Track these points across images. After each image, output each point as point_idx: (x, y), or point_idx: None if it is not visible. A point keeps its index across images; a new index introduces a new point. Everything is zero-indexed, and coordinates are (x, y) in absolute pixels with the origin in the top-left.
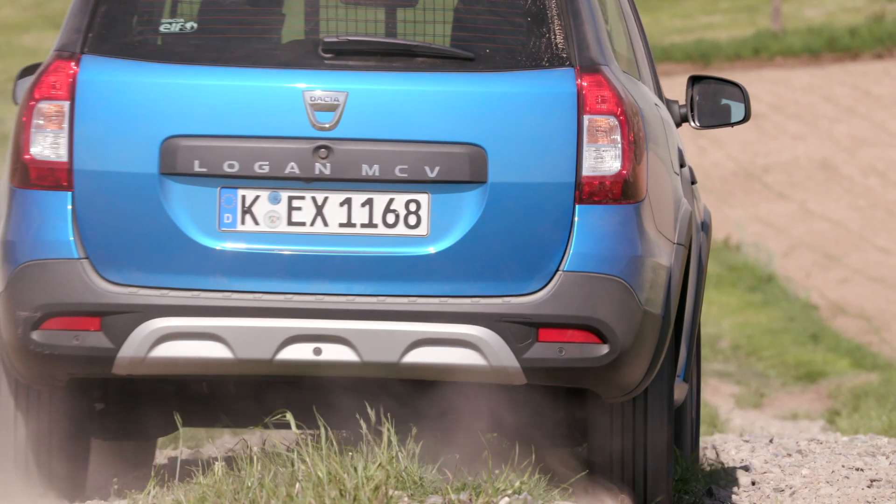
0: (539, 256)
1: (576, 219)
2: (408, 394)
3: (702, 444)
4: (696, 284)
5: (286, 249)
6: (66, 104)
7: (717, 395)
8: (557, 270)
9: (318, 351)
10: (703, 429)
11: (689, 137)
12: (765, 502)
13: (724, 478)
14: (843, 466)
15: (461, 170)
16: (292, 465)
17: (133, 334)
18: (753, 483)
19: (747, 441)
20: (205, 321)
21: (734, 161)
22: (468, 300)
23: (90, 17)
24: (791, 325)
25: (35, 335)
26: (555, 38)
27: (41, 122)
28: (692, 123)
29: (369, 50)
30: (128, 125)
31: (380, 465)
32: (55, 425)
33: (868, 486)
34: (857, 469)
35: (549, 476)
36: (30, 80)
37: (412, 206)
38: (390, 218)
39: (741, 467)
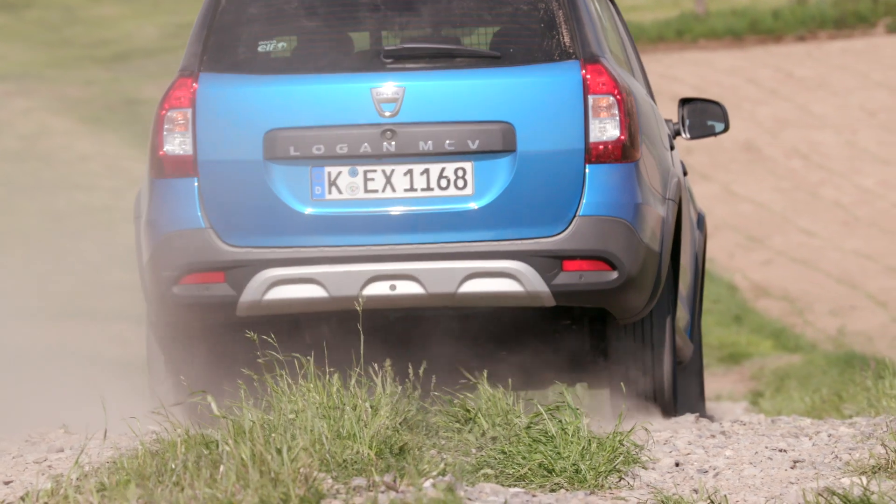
0: (560, 206)
1: (586, 176)
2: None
3: (628, 425)
4: (699, 266)
5: (364, 211)
6: (189, 111)
7: None
8: (575, 216)
9: (393, 287)
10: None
11: None
12: (688, 483)
13: (648, 459)
14: (766, 448)
15: (496, 142)
16: (216, 447)
17: (250, 283)
18: (677, 464)
19: (671, 422)
20: (305, 269)
21: None
22: (507, 242)
23: (203, 45)
24: (714, 306)
25: (176, 289)
26: (563, 38)
27: (171, 126)
28: (684, 136)
29: (419, 54)
30: (237, 123)
31: (303, 447)
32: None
33: (791, 467)
34: (781, 450)
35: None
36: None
37: (459, 172)
38: (443, 182)
39: (665, 448)
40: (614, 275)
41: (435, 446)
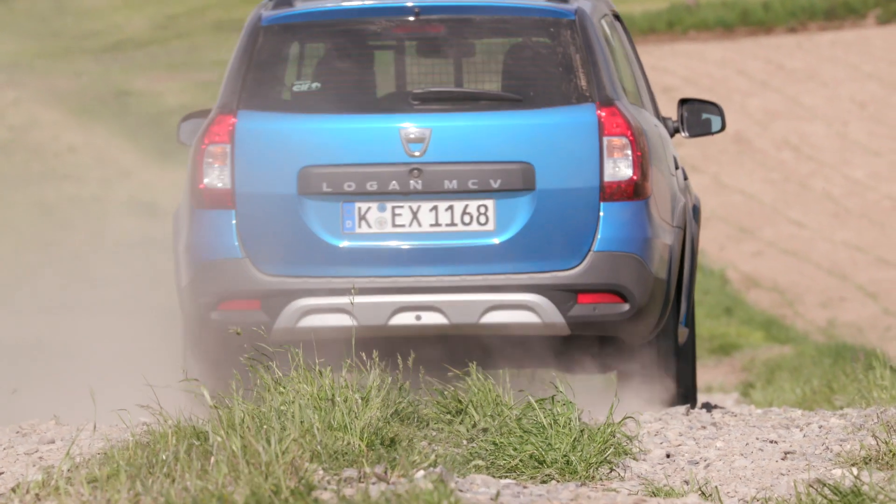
0: (575, 241)
1: (601, 213)
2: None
3: (619, 416)
4: (692, 254)
5: (392, 244)
6: (228, 146)
7: None
8: (589, 251)
9: (418, 317)
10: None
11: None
12: (679, 475)
13: (639, 450)
14: (757, 439)
15: (516, 181)
16: (207, 438)
17: (284, 310)
18: (668, 455)
19: (662, 413)
20: (335, 299)
21: None
22: (525, 276)
23: (242, 83)
24: (705, 297)
25: (214, 314)
26: (580, 82)
27: (210, 160)
28: (683, 134)
29: (445, 97)
30: (273, 159)
31: (294, 439)
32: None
33: (782, 459)
34: (772, 441)
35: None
36: (193, 123)
37: (482, 209)
38: (466, 218)
39: (656, 440)
40: (626, 307)
41: (426, 438)
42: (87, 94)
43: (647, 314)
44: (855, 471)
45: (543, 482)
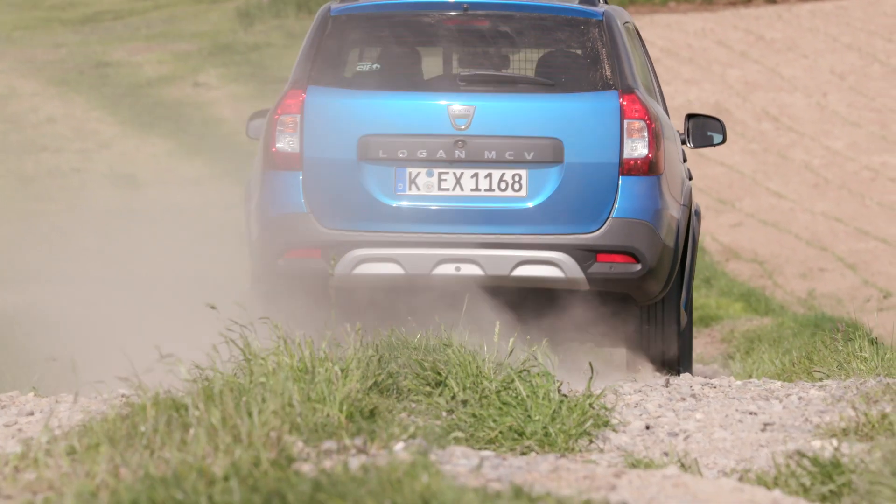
0: (596, 209)
1: (619, 185)
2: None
3: (600, 387)
4: (693, 246)
5: (437, 205)
6: (298, 116)
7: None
8: (608, 217)
9: (458, 268)
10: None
11: None
12: (659, 446)
13: (619, 422)
14: (736, 410)
15: (547, 154)
16: (186, 410)
17: (342, 259)
18: (648, 427)
19: (641, 385)
20: (387, 250)
21: None
22: (552, 237)
23: (312, 63)
24: None
25: (280, 262)
26: (605, 72)
27: (282, 128)
28: (689, 145)
29: (488, 80)
30: (336, 129)
31: (274, 411)
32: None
33: (762, 430)
34: (751, 413)
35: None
36: (259, 121)
37: (517, 178)
38: (502, 185)
39: (635, 411)
40: (638, 266)
41: (406, 410)
42: (66, 65)
43: (655, 275)
44: (834, 442)
45: (523, 454)
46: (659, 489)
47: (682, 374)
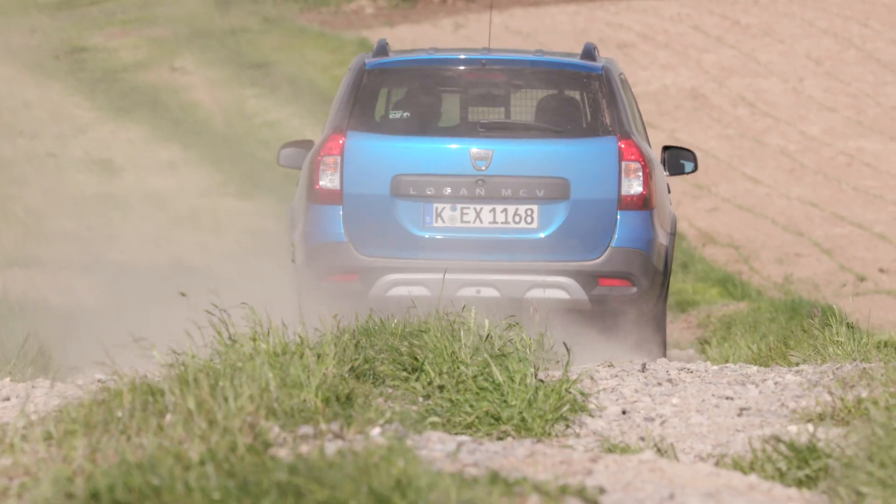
0: (598, 239)
1: (618, 219)
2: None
3: (576, 373)
4: (670, 264)
5: (460, 236)
6: (339, 157)
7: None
8: (609, 246)
9: (478, 291)
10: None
11: None
12: (635, 431)
13: (595, 407)
14: (713, 395)
15: (556, 192)
16: (162, 395)
17: (377, 282)
18: (624, 412)
19: (618, 370)
20: (416, 275)
21: None
22: (560, 263)
23: (350, 111)
24: None
25: (323, 284)
26: (605, 120)
27: (325, 168)
28: (665, 172)
29: (504, 127)
30: (372, 168)
31: (250, 396)
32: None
33: (738, 415)
34: (727, 398)
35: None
36: (291, 150)
37: (529, 212)
38: (517, 218)
39: (612, 396)
40: (634, 289)
41: (382, 395)
42: (42, 50)
43: (648, 295)
44: (811, 427)
45: (500, 439)
46: (635, 474)
47: (658, 360)
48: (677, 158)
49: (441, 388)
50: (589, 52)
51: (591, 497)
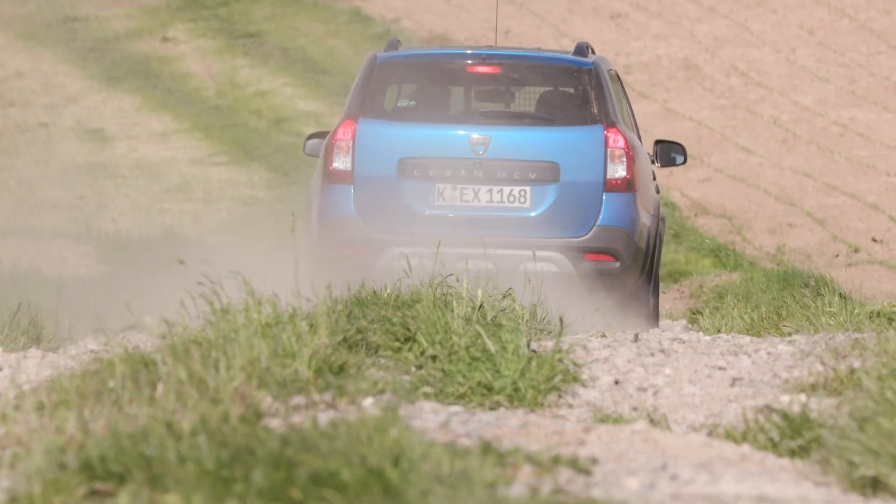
0: (585, 218)
1: (603, 199)
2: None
3: (568, 343)
4: (659, 246)
5: (460, 214)
6: (351, 142)
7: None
8: (594, 225)
9: (475, 264)
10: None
11: (552, 37)
12: (628, 401)
13: (588, 377)
14: (705, 366)
15: (547, 175)
16: (154, 366)
17: (383, 253)
18: (616, 382)
19: (610, 340)
20: (419, 249)
21: None
22: (550, 239)
23: (361, 101)
24: None
25: (335, 254)
26: (593, 110)
27: (338, 151)
28: (656, 164)
29: (501, 115)
30: (381, 152)
31: (242, 366)
32: None
33: (731, 385)
34: (720, 368)
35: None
36: (316, 140)
37: (522, 193)
38: (511, 198)
39: (604, 367)
40: (617, 264)
41: (374, 365)
42: (34, 19)
43: (631, 271)
44: (803, 397)
45: (492, 409)
46: (628, 444)
47: (650, 330)
48: (668, 152)
49: (433, 358)
50: (581, 50)
51: (583, 467)
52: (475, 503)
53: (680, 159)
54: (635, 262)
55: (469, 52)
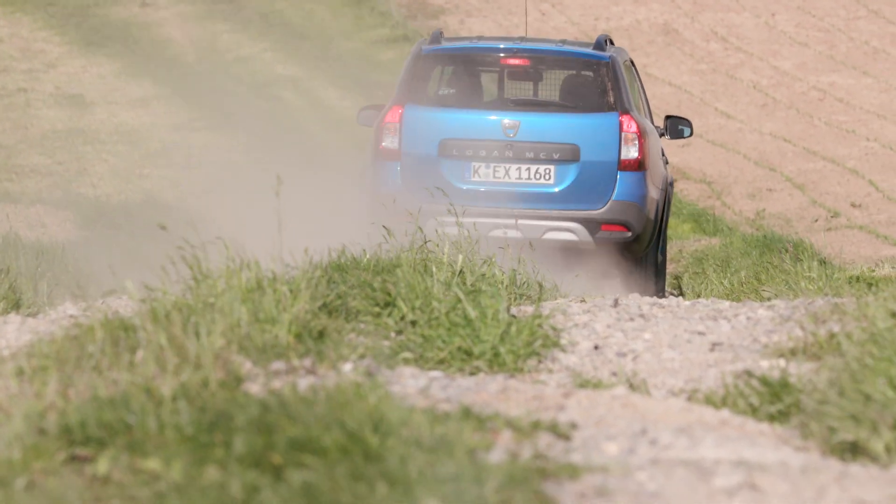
0: (601, 193)
1: (618, 177)
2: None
3: (548, 308)
4: (667, 210)
5: (492, 189)
6: (398, 124)
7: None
8: (610, 199)
9: (505, 232)
10: (547, 294)
11: (533, 3)
12: (607, 366)
13: (568, 342)
14: (685, 331)
15: (568, 155)
16: (134, 331)
17: (426, 222)
18: (596, 347)
19: (590, 305)
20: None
21: (576, 26)
22: (570, 212)
23: (408, 88)
24: None
25: (384, 222)
26: (609, 98)
27: (387, 132)
28: (666, 137)
29: (529, 103)
30: (424, 133)
31: (222, 331)
32: None
33: (710, 350)
34: (699, 333)
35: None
36: (369, 112)
37: (547, 171)
38: (537, 176)
39: (584, 332)
40: (629, 233)
41: (354, 330)
42: None
43: (641, 239)
44: (783, 362)
45: (472, 374)
46: (607, 409)
47: (630, 295)
48: (676, 125)
49: (413, 323)
50: (600, 44)
51: (563, 432)
52: (455, 468)
53: (687, 132)
54: (644, 232)
55: (502, 45)
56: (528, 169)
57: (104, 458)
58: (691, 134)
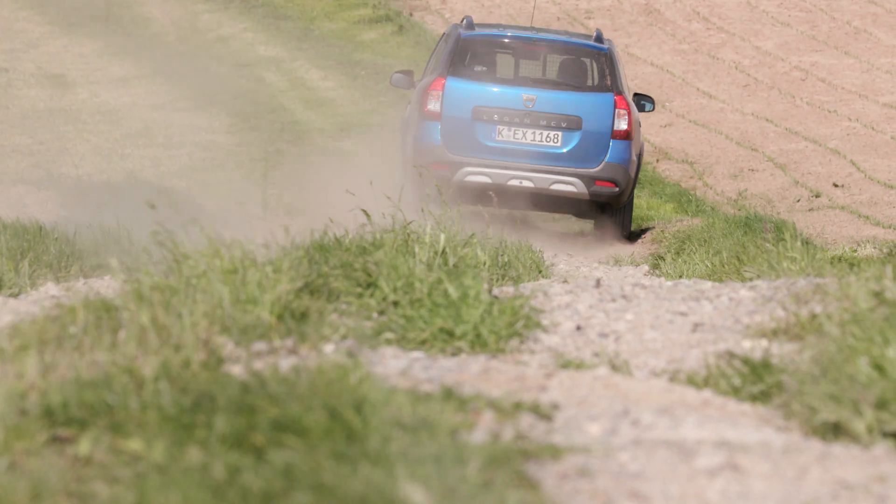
0: (597, 156)
1: (610, 144)
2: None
3: (530, 289)
4: (638, 170)
5: (513, 147)
6: (441, 92)
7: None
8: (603, 161)
9: (520, 182)
10: (528, 275)
11: None
12: (589, 347)
13: (549, 323)
14: (667, 311)
15: (573, 124)
16: (116, 311)
17: (459, 171)
18: (578, 328)
19: (572, 286)
20: (483, 169)
21: (557, 6)
22: (572, 169)
23: (449, 63)
24: None
25: (422, 171)
26: (607, 81)
27: (431, 98)
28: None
29: (544, 81)
30: (460, 100)
31: (204, 312)
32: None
33: (692, 331)
34: (682, 314)
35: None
36: (401, 75)
37: (556, 136)
38: (548, 139)
39: (566, 312)
40: (617, 189)
41: (336, 311)
42: None
43: (624, 193)
44: (765, 342)
45: (454, 355)
46: (589, 390)
47: (611, 274)
48: (640, 101)
49: (395, 304)
50: (599, 37)
51: (545, 413)
52: (437, 449)
53: (649, 107)
54: (627, 188)
55: (524, 35)
56: (541, 133)
57: (86, 439)
58: (653, 109)
